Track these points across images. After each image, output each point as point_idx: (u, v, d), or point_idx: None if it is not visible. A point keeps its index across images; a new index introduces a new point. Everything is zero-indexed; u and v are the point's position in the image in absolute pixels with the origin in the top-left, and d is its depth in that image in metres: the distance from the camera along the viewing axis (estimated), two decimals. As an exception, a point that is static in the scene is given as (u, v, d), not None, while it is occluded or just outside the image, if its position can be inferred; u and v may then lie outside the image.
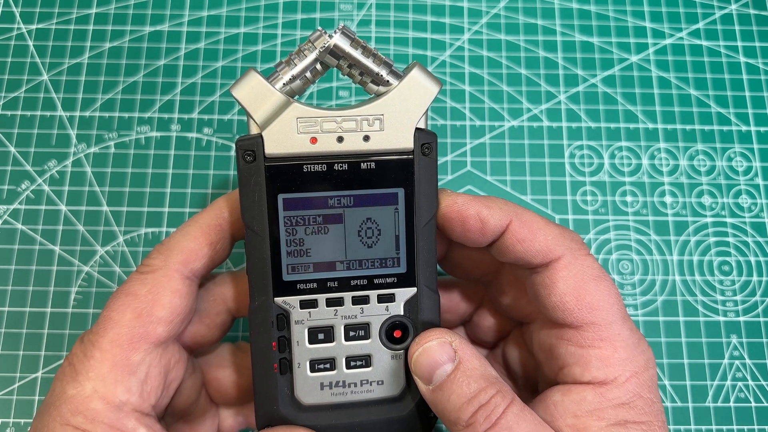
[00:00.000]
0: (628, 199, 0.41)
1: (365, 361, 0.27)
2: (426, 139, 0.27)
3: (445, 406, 0.24)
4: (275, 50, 0.44)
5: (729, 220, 0.41)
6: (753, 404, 0.38)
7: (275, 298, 0.27)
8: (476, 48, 0.45)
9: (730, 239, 0.41)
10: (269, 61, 0.44)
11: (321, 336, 0.27)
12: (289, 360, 0.27)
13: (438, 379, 0.25)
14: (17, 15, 0.44)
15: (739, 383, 0.38)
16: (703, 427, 0.37)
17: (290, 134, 0.26)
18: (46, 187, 0.41)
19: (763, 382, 0.38)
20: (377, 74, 0.26)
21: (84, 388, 0.24)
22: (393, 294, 0.27)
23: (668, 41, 0.45)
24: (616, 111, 0.43)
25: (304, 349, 0.27)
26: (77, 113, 0.42)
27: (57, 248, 0.40)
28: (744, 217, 0.41)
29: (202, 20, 0.45)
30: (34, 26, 0.44)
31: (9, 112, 0.42)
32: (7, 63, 0.43)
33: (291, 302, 0.27)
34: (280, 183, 0.26)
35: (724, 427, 0.37)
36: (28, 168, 0.41)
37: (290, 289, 0.27)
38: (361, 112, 0.26)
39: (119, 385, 0.25)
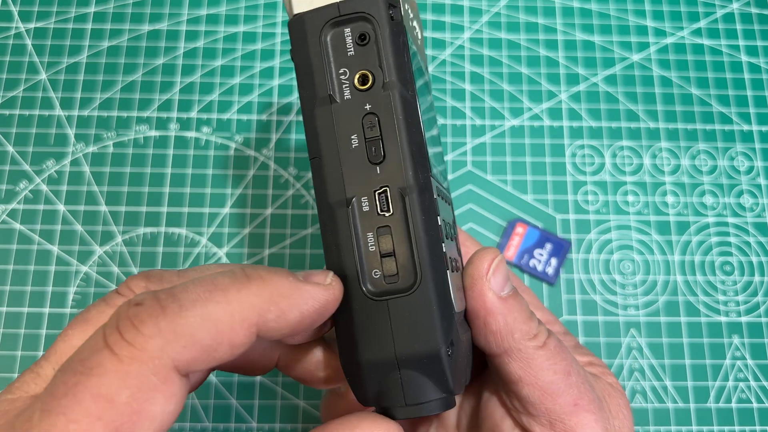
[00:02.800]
0: (630, 198, 0.41)
1: (457, 263, 0.25)
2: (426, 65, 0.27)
3: (517, 316, 0.23)
4: (274, 49, 0.44)
5: (731, 220, 0.41)
6: (755, 405, 0.38)
7: (432, 177, 0.22)
8: (476, 47, 0.44)
9: (732, 239, 0.41)
10: (269, 59, 0.43)
11: (447, 230, 0.23)
12: (444, 254, 0.22)
13: (509, 288, 0.24)
14: (15, 14, 0.44)
15: (741, 384, 0.38)
16: (705, 428, 0.37)
17: (404, 6, 0.23)
18: (44, 187, 0.40)
19: (765, 383, 0.38)
20: None
21: None
22: (450, 197, 0.26)
23: (670, 40, 0.45)
24: (618, 110, 0.43)
25: (446, 243, 0.23)
26: (75, 112, 0.42)
27: (55, 248, 0.39)
28: (746, 217, 0.41)
29: (201, 19, 0.44)
30: (32, 25, 0.44)
31: (7, 112, 0.42)
32: (5, 62, 0.43)
33: (434, 185, 0.23)
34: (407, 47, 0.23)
35: (726, 428, 0.37)
36: (26, 167, 0.41)
37: (431, 169, 0.23)
38: (415, 14, 0.25)
39: None
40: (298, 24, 0.22)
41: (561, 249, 0.40)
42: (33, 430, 0.16)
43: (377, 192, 0.21)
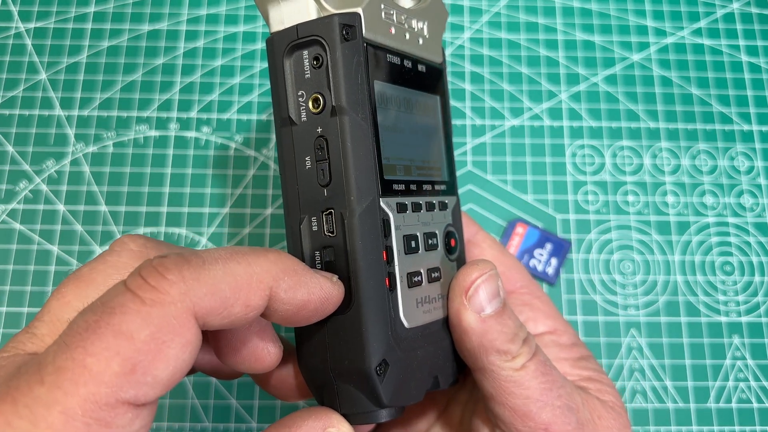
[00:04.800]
0: (630, 198, 0.41)
1: (438, 273, 0.25)
2: (444, 55, 0.28)
3: (495, 337, 0.23)
4: (275, 49, 0.44)
5: (731, 220, 0.41)
6: (755, 405, 0.38)
7: (380, 199, 0.23)
8: (477, 47, 0.44)
9: (732, 239, 0.41)
10: (268, 59, 0.43)
11: (413, 244, 0.24)
12: (392, 274, 0.23)
13: (494, 307, 0.23)
14: (15, 14, 0.44)
15: (741, 384, 0.38)
16: (705, 428, 0.37)
17: (378, 18, 0.23)
18: (44, 187, 0.40)
19: (765, 383, 0.38)
20: None
21: None
22: (446, 202, 0.26)
23: (670, 40, 0.45)
24: (618, 110, 0.43)
25: (402, 260, 0.23)
26: (75, 112, 0.42)
27: (55, 248, 0.39)
28: (746, 217, 0.41)
29: (201, 19, 0.44)
30: (32, 25, 0.44)
31: (7, 111, 0.42)
32: (5, 62, 0.43)
33: (391, 204, 0.23)
34: (373, 68, 0.23)
35: (726, 428, 0.37)
36: (26, 167, 0.41)
37: (388, 189, 0.23)
38: (420, 13, 0.26)
39: None
40: (269, 45, 0.23)
41: (561, 249, 0.40)
42: (46, 367, 0.16)
43: (324, 213, 0.22)
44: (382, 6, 0.24)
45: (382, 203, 0.23)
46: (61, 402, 0.15)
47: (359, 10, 0.22)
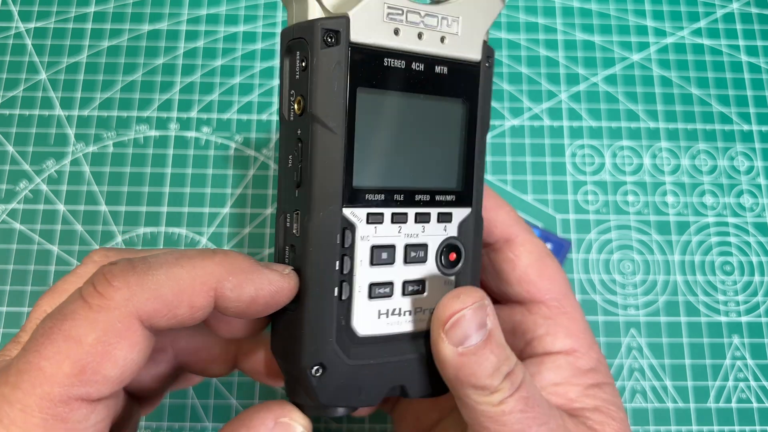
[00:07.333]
0: (630, 198, 0.41)
1: (421, 286, 0.25)
2: (490, 53, 0.26)
3: (474, 371, 0.22)
4: (274, 48, 0.44)
5: (731, 219, 0.41)
6: (755, 405, 0.38)
7: (344, 208, 0.23)
8: (477, 47, 0.44)
9: (732, 239, 0.41)
10: (269, 59, 0.43)
11: (384, 256, 0.24)
12: (349, 283, 0.23)
13: (475, 340, 0.23)
14: (15, 14, 0.44)
15: (741, 384, 0.38)
16: (705, 428, 0.37)
17: (376, 20, 0.23)
18: (44, 187, 0.40)
19: (765, 383, 0.38)
20: None
21: None
22: (451, 213, 0.25)
23: (670, 40, 0.45)
24: (618, 110, 0.43)
25: (365, 271, 0.23)
26: (75, 112, 0.42)
27: (55, 248, 0.39)
28: (746, 216, 0.41)
29: (201, 19, 0.44)
30: (32, 25, 0.44)
31: (7, 111, 0.42)
32: (5, 62, 0.43)
33: (359, 214, 0.23)
34: (361, 75, 0.22)
35: (726, 428, 0.37)
36: (27, 167, 0.41)
37: (358, 198, 0.23)
38: (442, 10, 0.24)
39: None
40: (280, 39, 0.23)
41: (561, 249, 0.40)
42: (11, 369, 0.19)
43: (294, 212, 0.23)
44: (386, 7, 0.23)
45: (347, 212, 0.23)
46: (21, 400, 0.18)
47: (349, 14, 0.22)
